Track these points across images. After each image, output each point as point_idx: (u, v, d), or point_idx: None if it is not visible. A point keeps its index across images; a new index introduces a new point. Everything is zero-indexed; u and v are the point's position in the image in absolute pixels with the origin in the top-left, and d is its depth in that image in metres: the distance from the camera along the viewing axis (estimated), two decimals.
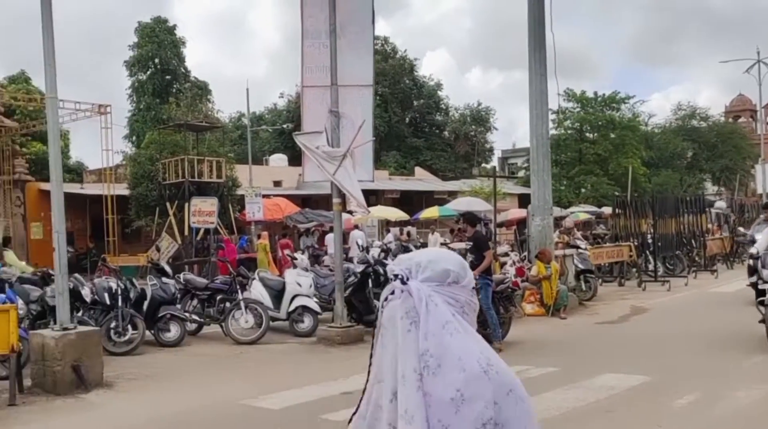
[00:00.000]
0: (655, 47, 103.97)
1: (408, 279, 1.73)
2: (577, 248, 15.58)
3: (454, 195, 36.64)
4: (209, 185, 25.37)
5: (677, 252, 19.61)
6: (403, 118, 52.85)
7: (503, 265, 15.15)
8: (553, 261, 13.70)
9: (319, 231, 25.78)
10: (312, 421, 6.73)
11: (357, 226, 23.73)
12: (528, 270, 14.04)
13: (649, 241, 18.79)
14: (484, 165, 54.78)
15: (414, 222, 31.07)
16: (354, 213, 24.07)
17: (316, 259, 20.18)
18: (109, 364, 8.93)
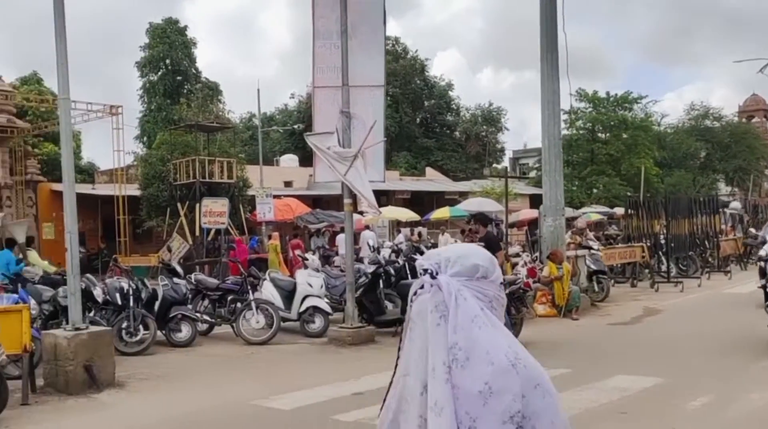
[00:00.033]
0: (668, 46, 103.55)
1: (437, 273, 1.75)
2: (590, 249, 15.52)
3: (465, 195, 36.58)
4: (220, 186, 25.44)
5: (690, 253, 19.51)
6: (414, 118, 52.80)
7: (515, 266, 15.12)
8: (565, 262, 13.65)
9: (329, 231, 25.79)
10: (323, 422, 6.72)
11: (368, 227, 23.73)
12: (539, 271, 13.99)
13: (662, 242, 18.69)
14: (495, 165, 54.66)
15: (425, 222, 31.04)
16: (365, 213, 24.08)
17: (326, 260, 20.19)
18: (120, 364, 8.95)
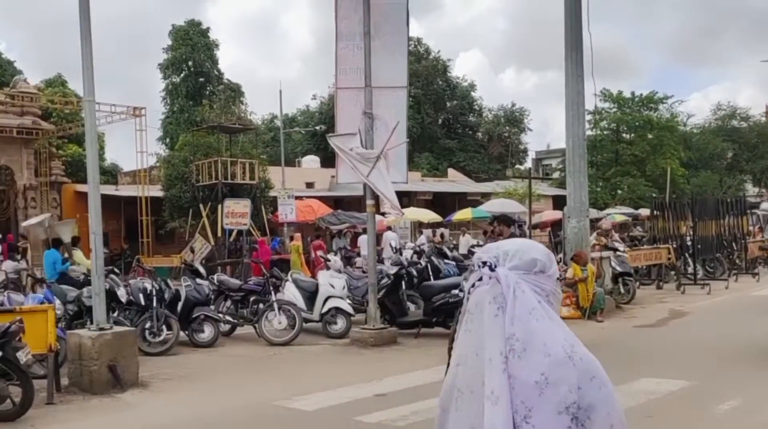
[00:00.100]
0: (694, 46, 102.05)
1: (496, 266, 1.78)
2: (615, 250, 15.35)
3: (487, 196, 36.41)
4: (242, 187, 25.54)
5: (717, 255, 19.25)
6: (436, 119, 52.71)
7: None
8: (590, 263, 13.51)
9: (351, 232, 25.80)
10: (345, 423, 6.70)
11: (390, 228, 23.71)
12: (563, 272, 13.85)
13: (689, 244, 18.46)
14: (517, 166, 54.41)
15: (447, 224, 30.94)
16: (387, 214, 24.05)
17: (348, 261, 20.21)
18: (144, 364, 8.99)
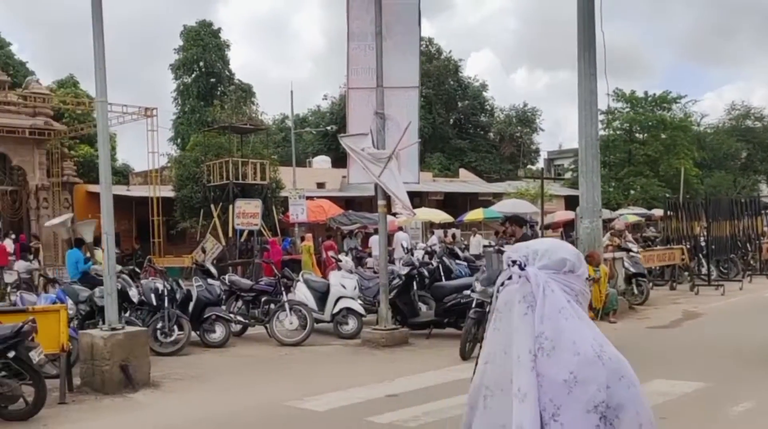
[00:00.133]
0: (707, 46, 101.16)
1: (525, 265, 1.80)
2: (629, 251, 15.25)
3: (499, 197, 36.32)
4: (253, 187, 25.58)
5: (731, 255, 19.09)
6: (447, 119, 52.65)
7: None
8: (602, 264, 13.41)
9: (362, 233, 25.79)
10: (357, 424, 6.68)
11: (401, 228, 23.67)
12: None
13: (702, 244, 18.32)
14: (529, 166, 54.24)
15: (458, 224, 30.87)
16: (398, 215, 24.02)
17: (359, 261, 20.19)
18: (155, 364, 9.00)
